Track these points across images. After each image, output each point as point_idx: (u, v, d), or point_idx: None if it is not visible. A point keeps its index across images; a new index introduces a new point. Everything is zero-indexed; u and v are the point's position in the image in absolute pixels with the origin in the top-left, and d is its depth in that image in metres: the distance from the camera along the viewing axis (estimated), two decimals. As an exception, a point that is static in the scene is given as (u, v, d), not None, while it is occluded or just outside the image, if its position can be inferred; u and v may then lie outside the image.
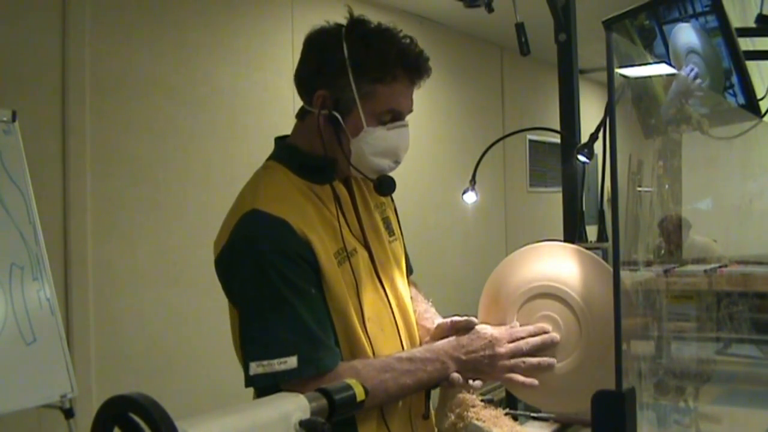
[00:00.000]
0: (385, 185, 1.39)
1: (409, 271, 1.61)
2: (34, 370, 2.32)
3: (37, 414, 2.51)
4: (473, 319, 1.42)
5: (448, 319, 1.45)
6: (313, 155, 1.38)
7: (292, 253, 1.28)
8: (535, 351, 1.38)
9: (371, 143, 1.34)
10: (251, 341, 1.29)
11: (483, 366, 1.36)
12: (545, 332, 1.39)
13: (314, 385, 1.22)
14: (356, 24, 1.35)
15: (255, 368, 1.25)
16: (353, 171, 1.38)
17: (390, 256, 1.47)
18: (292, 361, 1.24)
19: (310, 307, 1.29)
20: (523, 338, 1.39)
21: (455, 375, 1.35)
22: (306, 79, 1.38)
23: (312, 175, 1.38)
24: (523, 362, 1.37)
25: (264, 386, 1.28)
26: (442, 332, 1.44)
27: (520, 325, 1.43)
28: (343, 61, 1.31)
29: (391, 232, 1.51)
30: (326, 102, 1.34)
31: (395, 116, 1.36)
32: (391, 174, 1.44)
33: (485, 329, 1.40)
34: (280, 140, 1.47)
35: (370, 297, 1.38)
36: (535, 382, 1.38)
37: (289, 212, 1.30)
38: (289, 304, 1.27)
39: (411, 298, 1.55)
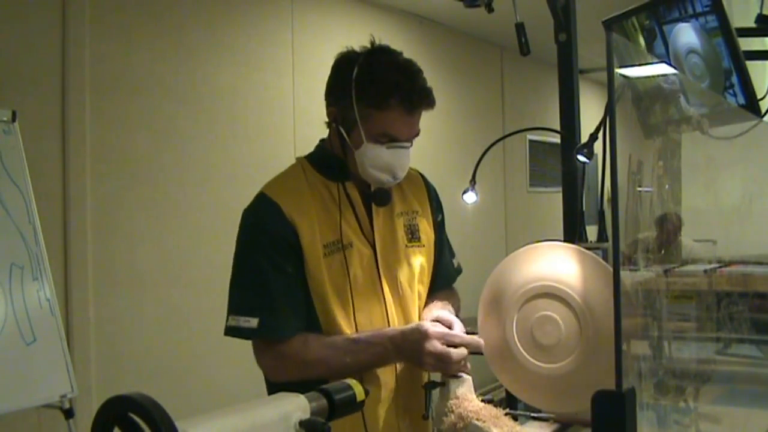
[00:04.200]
0: (378, 198, 1.54)
1: (448, 279, 1.70)
2: (34, 370, 2.32)
3: (37, 414, 2.51)
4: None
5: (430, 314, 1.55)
6: (331, 155, 1.56)
7: (275, 232, 1.47)
8: (458, 361, 1.43)
9: (369, 158, 1.48)
10: (232, 298, 1.51)
11: (413, 356, 1.45)
12: (479, 348, 1.47)
13: (272, 348, 1.46)
14: (372, 52, 1.49)
15: (230, 321, 1.48)
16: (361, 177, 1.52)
17: (403, 259, 1.57)
18: (253, 322, 1.45)
19: (281, 281, 1.46)
20: (455, 345, 1.44)
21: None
22: (326, 94, 1.55)
23: (328, 171, 1.55)
24: (445, 366, 1.44)
25: (236, 338, 1.49)
26: None
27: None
28: (350, 84, 1.45)
29: (414, 239, 1.60)
30: (336, 117, 1.51)
31: (392, 139, 1.47)
32: None
33: (424, 325, 1.46)
34: (321, 141, 1.63)
35: (363, 290, 1.51)
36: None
37: (287, 198, 1.49)
38: (264, 275, 1.46)
39: (437, 301, 1.61)
